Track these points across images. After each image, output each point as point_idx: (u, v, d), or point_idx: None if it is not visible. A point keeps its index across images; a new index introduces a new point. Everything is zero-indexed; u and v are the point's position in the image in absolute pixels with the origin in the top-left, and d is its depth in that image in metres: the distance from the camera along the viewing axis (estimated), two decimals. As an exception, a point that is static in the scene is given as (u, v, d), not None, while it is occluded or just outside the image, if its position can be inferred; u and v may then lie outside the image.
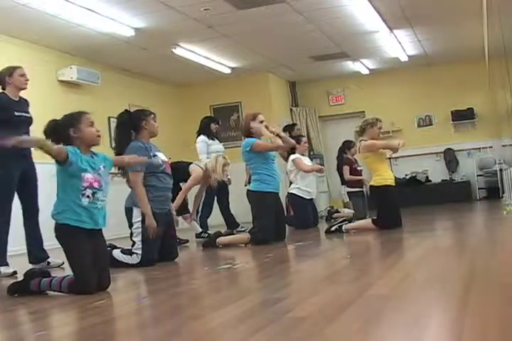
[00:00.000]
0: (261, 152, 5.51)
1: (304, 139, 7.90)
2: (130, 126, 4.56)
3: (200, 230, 6.71)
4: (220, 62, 9.72)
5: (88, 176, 3.18)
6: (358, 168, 8.35)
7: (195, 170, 6.45)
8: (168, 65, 9.41)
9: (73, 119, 3.30)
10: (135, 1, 6.65)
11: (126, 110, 4.76)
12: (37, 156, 4.90)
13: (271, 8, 7.23)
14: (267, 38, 8.63)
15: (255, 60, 9.81)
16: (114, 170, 4.71)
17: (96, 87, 8.62)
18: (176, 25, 7.61)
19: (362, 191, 8.30)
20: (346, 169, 8.23)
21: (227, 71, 10.09)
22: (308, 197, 7.43)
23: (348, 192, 8.34)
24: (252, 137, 5.57)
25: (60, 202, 3.18)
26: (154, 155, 4.50)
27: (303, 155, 7.70)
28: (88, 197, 3.15)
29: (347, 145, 8.50)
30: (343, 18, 7.91)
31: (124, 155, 4.44)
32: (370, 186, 6.08)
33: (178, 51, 8.64)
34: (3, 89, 4.69)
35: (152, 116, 4.64)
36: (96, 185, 3.19)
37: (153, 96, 10.00)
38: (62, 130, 3.26)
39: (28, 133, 4.75)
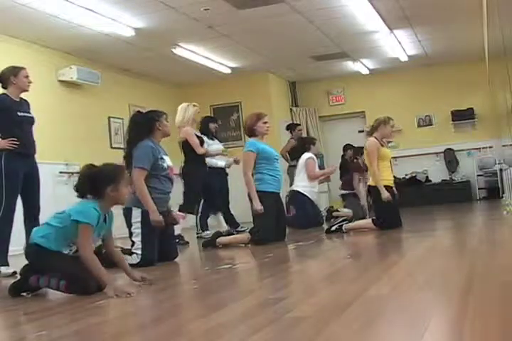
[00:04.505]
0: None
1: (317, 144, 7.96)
2: (143, 128, 4.56)
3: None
4: (220, 62, 9.72)
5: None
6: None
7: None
8: (168, 65, 9.41)
9: (115, 176, 3.12)
10: (135, 1, 6.66)
11: (138, 111, 4.82)
12: (40, 156, 4.92)
13: (271, 8, 7.23)
14: (267, 38, 8.63)
15: (255, 60, 9.81)
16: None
17: (96, 87, 8.62)
18: (175, 25, 7.61)
19: (355, 192, 8.40)
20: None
21: (227, 71, 10.09)
22: (311, 197, 7.38)
23: (341, 195, 8.50)
24: (256, 136, 5.61)
25: (48, 238, 3.10)
26: (161, 158, 4.50)
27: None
28: (71, 250, 3.14)
29: (345, 148, 8.90)
30: (343, 18, 7.91)
31: (133, 153, 4.43)
32: (368, 186, 6.06)
33: (178, 51, 8.64)
34: (5, 88, 4.68)
35: (164, 116, 4.65)
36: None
37: (153, 96, 10.00)
38: (99, 184, 3.09)
39: (31, 133, 4.76)
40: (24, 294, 3.20)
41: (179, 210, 6.44)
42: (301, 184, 7.36)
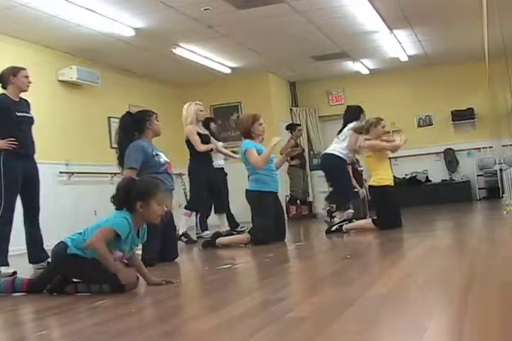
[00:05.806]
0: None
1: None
2: (133, 128, 4.56)
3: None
4: (220, 62, 9.72)
5: (118, 254, 3.09)
6: (359, 168, 8.37)
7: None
8: (168, 65, 9.41)
9: (147, 193, 3.08)
10: (135, 1, 6.66)
11: (128, 112, 4.79)
12: (39, 156, 4.92)
13: (271, 8, 7.23)
14: (267, 38, 8.63)
15: (255, 60, 9.81)
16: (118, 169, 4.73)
17: (96, 87, 8.62)
18: (176, 25, 7.62)
19: (355, 191, 8.33)
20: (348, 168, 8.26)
21: (227, 71, 10.09)
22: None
23: None
24: (252, 138, 5.59)
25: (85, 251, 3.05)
26: (156, 154, 4.50)
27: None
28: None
29: None
30: (343, 18, 7.91)
31: (124, 155, 4.45)
32: (369, 186, 6.09)
33: (178, 51, 8.65)
34: (4, 88, 4.69)
35: (155, 115, 4.65)
36: (118, 259, 3.10)
37: (153, 96, 10.00)
38: (131, 199, 3.06)
39: (30, 133, 4.76)
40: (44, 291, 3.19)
41: (185, 208, 6.46)
42: (340, 150, 6.92)
